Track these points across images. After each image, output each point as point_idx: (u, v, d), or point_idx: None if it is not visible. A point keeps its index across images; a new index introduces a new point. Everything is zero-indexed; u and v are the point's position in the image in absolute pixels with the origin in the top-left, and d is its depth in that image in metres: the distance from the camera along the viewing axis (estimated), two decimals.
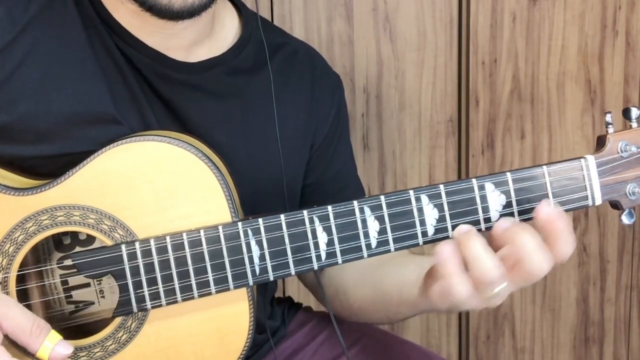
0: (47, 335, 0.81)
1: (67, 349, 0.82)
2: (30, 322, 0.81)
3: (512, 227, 0.81)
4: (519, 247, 0.79)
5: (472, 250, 0.79)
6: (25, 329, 0.80)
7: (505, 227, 0.81)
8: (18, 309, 0.82)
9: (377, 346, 1.18)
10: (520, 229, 0.80)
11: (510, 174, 0.87)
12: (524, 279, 0.81)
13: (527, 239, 0.79)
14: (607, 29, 1.69)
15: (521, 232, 0.79)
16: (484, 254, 0.79)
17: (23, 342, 0.81)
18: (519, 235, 0.79)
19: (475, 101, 1.68)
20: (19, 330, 0.80)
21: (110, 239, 0.87)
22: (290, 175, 1.08)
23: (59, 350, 0.81)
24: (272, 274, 0.86)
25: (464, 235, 0.80)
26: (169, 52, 1.00)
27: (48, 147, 0.93)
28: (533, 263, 0.79)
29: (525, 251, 0.79)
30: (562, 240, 0.80)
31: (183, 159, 0.88)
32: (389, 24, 1.62)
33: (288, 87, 1.09)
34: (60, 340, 0.82)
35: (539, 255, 0.79)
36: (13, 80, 0.92)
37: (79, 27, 0.96)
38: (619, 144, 0.89)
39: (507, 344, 1.83)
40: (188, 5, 0.92)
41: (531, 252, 0.78)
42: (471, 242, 0.79)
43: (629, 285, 1.84)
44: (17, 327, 0.80)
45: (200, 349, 0.90)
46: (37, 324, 0.81)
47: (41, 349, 0.81)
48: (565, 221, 0.81)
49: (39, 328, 0.81)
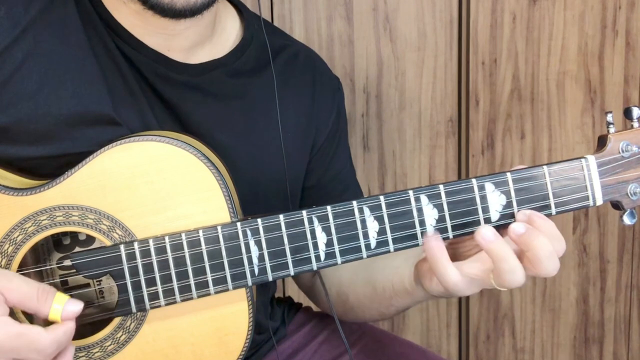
0: (54, 297, 0.81)
1: (78, 306, 0.82)
2: (35, 289, 0.81)
3: (528, 232, 0.83)
4: (536, 250, 0.82)
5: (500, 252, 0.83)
6: (31, 296, 0.80)
7: (522, 233, 0.83)
8: (19, 278, 0.82)
9: (377, 346, 1.18)
10: (537, 234, 0.83)
11: (510, 174, 0.87)
12: (532, 273, 0.85)
13: (545, 243, 0.83)
14: (607, 29, 1.69)
15: (539, 237, 0.83)
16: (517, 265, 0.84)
17: (31, 308, 0.81)
18: (537, 241, 0.83)
19: (475, 101, 1.68)
20: (26, 299, 0.80)
21: (109, 239, 0.87)
22: (292, 177, 1.08)
23: (70, 309, 0.81)
24: (271, 274, 0.86)
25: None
26: (169, 53, 1.00)
27: (47, 148, 0.93)
28: (545, 268, 0.83)
29: (540, 256, 0.82)
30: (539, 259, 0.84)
31: (182, 159, 0.88)
32: (389, 24, 1.62)
33: (289, 89, 1.09)
34: (68, 299, 0.82)
35: (551, 261, 0.83)
36: (13, 81, 0.92)
37: (79, 28, 0.96)
38: (620, 143, 0.89)
39: (507, 344, 1.83)
40: (191, 4, 0.92)
41: (546, 258, 0.83)
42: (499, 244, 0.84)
43: (629, 285, 1.84)
44: (22, 296, 0.80)
45: (200, 349, 0.90)
46: (41, 289, 0.81)
47: (52, 312, 0.81)
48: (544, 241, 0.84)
49: (44, 292, 0.81)
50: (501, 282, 0.84)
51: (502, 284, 0.84)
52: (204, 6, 0.94)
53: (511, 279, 0.83)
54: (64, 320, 0.81)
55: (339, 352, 1.17)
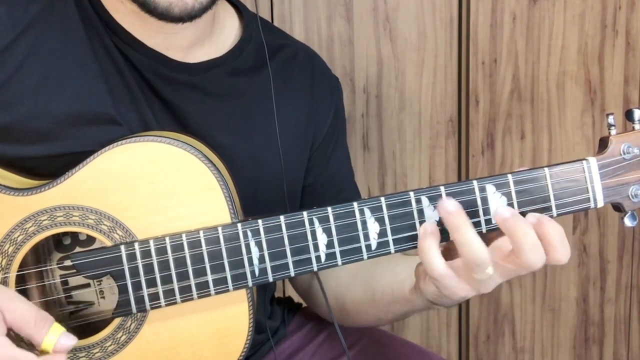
0: (51, 327, 0.81)
1: (71, 340, 0.82)
2: (34, 315, 0.81)
3: (513, 218, 0.81)
4: (519, 237, 0.79)
5: (464, 236, 0.80)
6: (29, 321, 0.80)
7: (506, 217, 0.81)
8: (21, 301, 0.82)
9: (377, 346, 1.18)
10: (521, 221, 0.80)
11: (511, 175, 0.86)
12: (517, 270, 0.82)
13: (528, 232, 0.80)
14: (607, 29, 1.69)
15: (522, 225, 0.80)
16: (474, 237, 0.79)
17: (27, 333, 0.81)
18: (520, 227, 0.80)
19: (475, 101, 1.68)
20: (24, 322, 0.80)
21: (109, 239, 0.87)
22: (291, 176, 1.08)
23: (63, 342, 0.81)
24: (271, 275, 0.86)
25: (455, 217, 0.80)
26: (169, 53, 1.00)
27: (48, 147, 0.93)
28: (530, 256, 0.80)
29: (524, 243, 0.79)
30: (554, 246, 0.81)
31: (183, 159, 0.88)
32: (389, 24, 1.62)
33: (288, 88, 1.09)
34: (63, 332, 0.82)
35: (537, 250, 0.80)
36: (13, 80, 0.92)
37: (79, 28, 0.96)
38: (621, 145, 0.88)
39: (507, 344, 1.83)
40: (188, 9, 0.92)
41: (530, 246, 0.79)
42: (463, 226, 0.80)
43: (629, 285, 1.84)
44: (21, 319, 0.80)
45: (200, 350, 0.90)
46: (40, 316, 0.81)
47: (45, 341, 0.81)
48: (558, 228, 0.82)
49: (42, 320, 0.81)
50: (465, 262, 0.80)
51: (469, 267, 0.80)
52: (202, 10, 0.94)
53: (468, 253, 0.79)
54: (55, 353, 0.81)
55: (339, 352, 1.17)
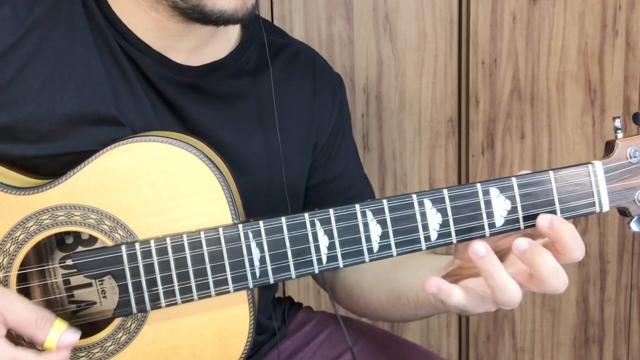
0: (53, 324, 0.81)
1: (74, 336, 0.82)
2: (35, 314, 0.81)
3: (530, 249, 0.81)
4: (539, 266, 0.80)
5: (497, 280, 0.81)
6: (30, 320, 0.80)
7: (524, 249, 0.81)
8: (21, 301, 0.82)
9: (377, 346, 1.18)
10: (538, 249, 0.81)
11: (515, 179, 0.86)
12: (538, 289, 0.83)
13: (547, 258, 0.81)
14: (607, 29, 1.69)
15: (540, 253, 0.81)
16: (508, 281, 0.81)
17: (29, 333, 0.81)
18: (538, 256, 0.81)
19: (475, 101, 1.68)
20: (25, 322, 0.80)
21: (110, 239, 0.87)
22: (293, 177, 1.08)
23: (66, 338, 0.81)
24: (272, 276, 0.86)
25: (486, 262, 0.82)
26: (173, 55, 1.00)
27: (50, 147, 0.93)
28: (551, 282, 0.81)
29: (543, 271, 0.80)
30: (570, 246, 0.82)
31: (185, 160, 0.88)
32: (389, 24, 1.62)
33: (290, 88, 1.09)
34: (66, 328, 0.82)
35: (558, 275, 0.81)
36: (18, 80, 0.92)
37: (85, 29, 0.96)
38: (627, 149, 0.87)
39: (507, 344, 1.84)
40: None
41: (550, 272, 0.81)
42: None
43: (629, 285, 1.84)
44: (22, 319, 0.80)
45: (200, 351, 0.90)
46: (41, 315, 0.81)
47: (48, 339, 0.81)
48: (571, 229, 0.82)
49: (44, 319, 0.81)
50: (495, 299, 0.82)
51: (498, 302, 0.83)
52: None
53: (502, 297, 0.81)
54: (58, 349, 0.81)
55: (339, 351, 1.17)
